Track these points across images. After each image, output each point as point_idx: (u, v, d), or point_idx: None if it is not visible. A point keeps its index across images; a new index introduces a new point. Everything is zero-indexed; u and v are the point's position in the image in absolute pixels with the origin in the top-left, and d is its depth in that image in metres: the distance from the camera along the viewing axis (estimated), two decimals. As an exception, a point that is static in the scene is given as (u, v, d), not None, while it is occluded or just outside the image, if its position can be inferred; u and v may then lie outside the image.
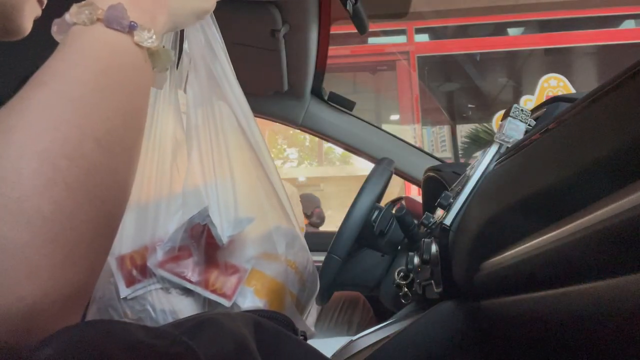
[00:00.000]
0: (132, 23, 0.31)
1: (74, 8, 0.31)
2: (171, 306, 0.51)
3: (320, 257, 0.95)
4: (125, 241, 0.52)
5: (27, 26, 0.43)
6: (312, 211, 2.88)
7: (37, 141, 0.25)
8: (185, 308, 0.52)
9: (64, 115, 0.26)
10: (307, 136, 7.29)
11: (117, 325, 0.23)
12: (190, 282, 0.52)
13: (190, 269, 0.52)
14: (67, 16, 0.31)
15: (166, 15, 0.36)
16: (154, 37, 0.32)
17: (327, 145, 7.09)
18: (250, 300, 0.52)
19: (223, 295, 0.51)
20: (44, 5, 0.45)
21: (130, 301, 0.51)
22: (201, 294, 0.52)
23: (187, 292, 0.52)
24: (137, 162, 0.31)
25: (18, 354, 0.21)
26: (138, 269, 0.52)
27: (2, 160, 0.24)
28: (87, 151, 0.26)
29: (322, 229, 2.91)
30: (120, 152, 0.29)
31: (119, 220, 0.29)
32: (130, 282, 0.51)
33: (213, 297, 0.52)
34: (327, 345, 0.86)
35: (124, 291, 0.51)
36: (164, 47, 0.35)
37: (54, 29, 0.33)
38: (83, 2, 0.31)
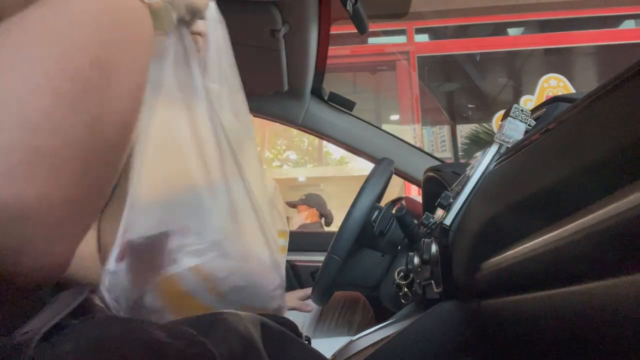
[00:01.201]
0: None
1: None
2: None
3: (320, 257, 0.95)
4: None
5: None
6: (328, 211, 2.92)
7: (32, 48, 0.24)
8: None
9: (64, 31, 0.26)
10: (306, 138, 7.29)
11: (136, 324, 0.24)
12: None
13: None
14: None
15: None
16: None
17: (325, 149, 7.10)
18: (150, 299, 0.48)
19: (137, 284, 0.49)
20: None
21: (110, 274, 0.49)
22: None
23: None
24: (139, 107, 0.31)
25: (38, 346, 0.21)
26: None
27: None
28: (83, 67, 0.26)
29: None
30: (118, 82, 0.28)
31: (119, 151, 0.29)
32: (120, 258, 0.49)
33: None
34: (327, 345, 0.86)
35: (112, 265, 0.49)
36: (166, 5, 0.34)
37: None
38: None
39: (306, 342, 0.38)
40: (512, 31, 5.66)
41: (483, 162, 0.54)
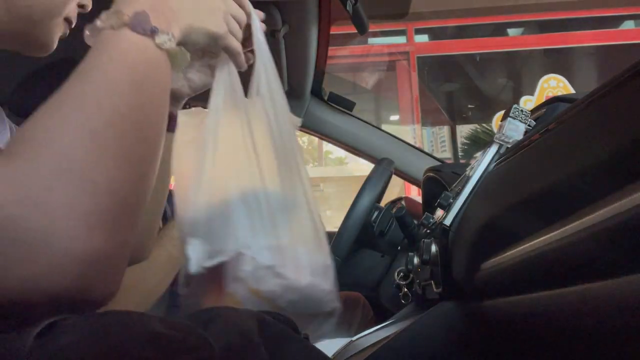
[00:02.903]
0: (154, 27, 0.36)
1: (104, 15, 0.35)
2: None
3: (320, 258, 0.95)
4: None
5: (52, 44, 0.49)
6: None
7: (89, 120, 0.30)
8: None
9: (108, 103, 0.31)
10: (306, 138, 7.29)
11: (135, 316, 0.25)
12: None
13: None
14: (98, 22, 0.36)
15: (182, 27, 0.40)
16: (172, 39, 0.37)
17: (324, 148, 7.09)
18: None
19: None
20: (73, 25, 0.47)
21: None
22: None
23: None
24: (162, 143, 0.37)
25: (37, 340, 0.22)
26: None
27: (59, 143, 0.29)
28: (126, 129, 0.31)
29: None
30: (152, 129, 0.34)
31: (150, 190, 0.35)
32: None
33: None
34: (327, 345, 0.86)
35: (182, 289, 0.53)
36: (180, 48, 0.40)
37: (87, 33, 0.37)
38: (111, 10, 0.36)
39: (305, 339, 0.38)
40: (512, 31, 5.66)
41: (483, 162, 0.54)
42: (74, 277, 0.26)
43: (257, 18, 0.54)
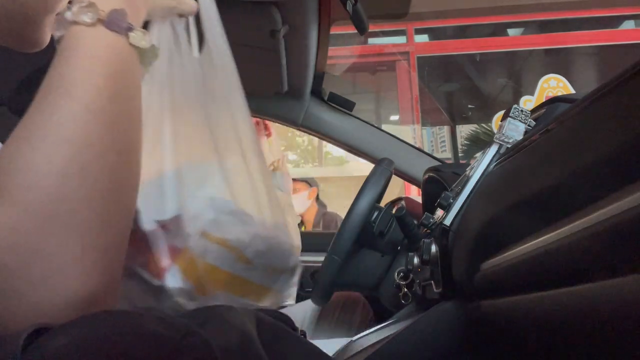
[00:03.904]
0: (130, 25, 0.33)
1: (76, 7, 0.32)
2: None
3: (320, 258, 0.95)
4: None
5: (45, 39, 0.47)
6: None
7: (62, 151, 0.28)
8: (130, 290, 0.51)
9: (89, 128, 0.29)
10: (306, 138, 7.29)
11: (132, 316, 0.24)
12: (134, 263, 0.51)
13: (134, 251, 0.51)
14: (69, 14, 0.32)
15: (145, 11, 0.39)
16: (147, 37, 0.35)
17: (324, 148, 7.09)
18: (178, 281, 0.50)
19: (156, 275, 0.50)
20: None
21: None
22: (139, 273, 0.51)
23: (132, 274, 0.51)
24: (140, 155, 0.34)
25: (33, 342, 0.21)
26: None
27: (47, 182, 0.27)
28: (111, 161, 0.30)
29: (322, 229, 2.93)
30: (131, 152, 0.32)
31: (131, 216, 0.33)
32: None
33: (146, 275, 0.51)
34: (327, 345, 0.86)
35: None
36: (153, 45, 0.37)
37: (53, 23, 0.35)
38: (85, 3, 0.32)
39: (302, 336, 0.38)
40: (512, 31, 5.66)
41: (483, 162, 0.54)
42: (71, 317, 0.26)
43: None
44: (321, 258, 0.91)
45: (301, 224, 2.82)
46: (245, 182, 0.52)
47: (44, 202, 0.26)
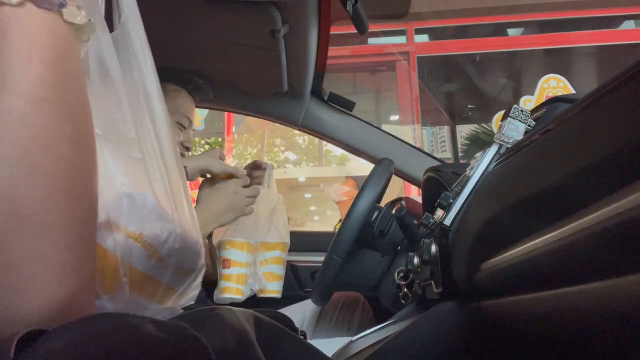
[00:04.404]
0: (62, 1, 0.30)
1: None
2: None
3: (320, 257, 0.95)
4: None
5: None
6: None
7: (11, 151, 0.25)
8: None
9: (31, 121, 0.26)
10: (306, 137, 7.29)
11: (128, 319, 0.24)
12: None
13: None
14: None
15: None
16: (82, 12, 0.31)
17: (325, 147, 7.09)
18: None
19: None
20: None
21: None
22: None
23: None
24: (94, 136, 0.32)
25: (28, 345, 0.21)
26: None
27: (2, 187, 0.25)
28: (63, 151, 0.27)
29: (322, 229, 2.93)
30: (83, 137, 0.30)
31: (96, 208, 0.31)
32: None
33: None
34: (327, 345, 0.86)
35: None
36: (89, 20, 0.34)
37: None
38: None
39: (302, 337, 0.38)
40: (512, 31, 5.66)
41: (483, 162, 0.54)
42: (49, 321, 0.25)
43: None
44: (321, 258, 0.91)
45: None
46: (161, 173, 0.49)
47: (4, 209, 0.24)
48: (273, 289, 1.09)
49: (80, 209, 0.28)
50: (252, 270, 1.08)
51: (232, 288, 1.03)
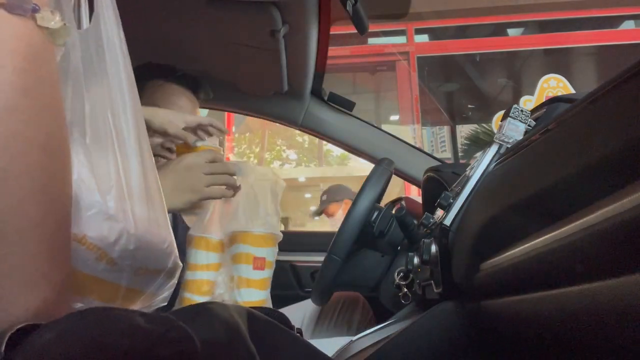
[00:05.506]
0: (35, 6, 0.29)
1: None
2: None
3: (320, 257, 0.95)
4: None
5: None
6: (354, 193, 2.97)
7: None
8: None
9: (7, 129, 0.26)
10: (306, 137, 7.29)
11: (117, 312, 0.24)
12: None
13: None
14: None
15: None
16: (58, 17, 0.31)
17: (325, 147, 7.10)
18: None
19: None
20: None
21: None
22: None
23: None
24: (67, 136, 0.32)
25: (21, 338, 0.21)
26: None
27: None
28: (34, 158, 0.27)
29: (321, 229, 2.93)
30: (56, 143, 0.29)
31: (69, 213, 0.31)
32: None
33: None
34: (327, 345, 0.86)
35: None
36: (64, 24, 0.33)
37: None
38: None
39: (298, 333, 0.38)
40: (512, 31, 5.67)
41: (483, 162, 0.54)
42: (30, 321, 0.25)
43: None
44: (321, 258, 0.91)
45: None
46: (114, 166, 0.45)
47: None
48: (250, 299, 0.84)
49: (52, 216, 0.28)
50: (221, 274, 0.88)
51: (188, 299, 0.84)
